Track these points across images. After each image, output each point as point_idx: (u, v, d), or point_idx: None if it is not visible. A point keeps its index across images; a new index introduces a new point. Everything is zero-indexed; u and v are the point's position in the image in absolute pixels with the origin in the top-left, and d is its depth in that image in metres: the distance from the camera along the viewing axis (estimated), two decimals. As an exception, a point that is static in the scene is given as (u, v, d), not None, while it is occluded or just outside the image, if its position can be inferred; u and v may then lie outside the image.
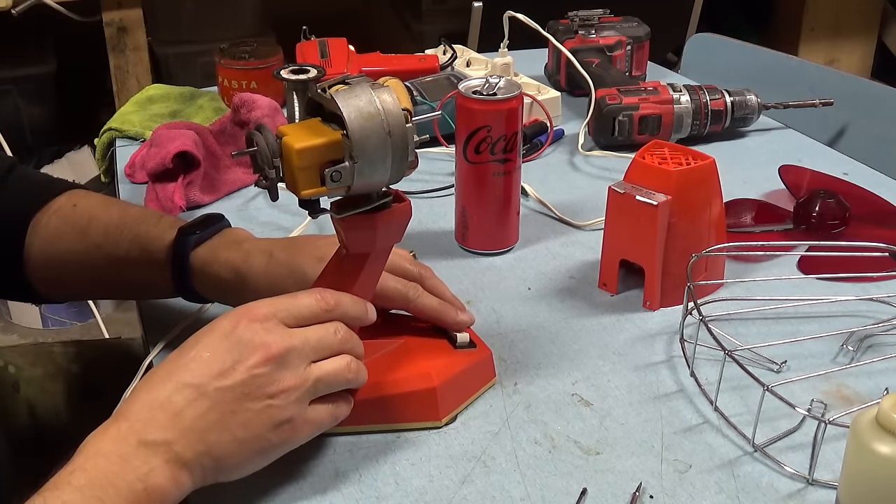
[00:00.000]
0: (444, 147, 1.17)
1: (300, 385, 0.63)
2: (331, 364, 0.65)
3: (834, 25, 2.59)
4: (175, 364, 0.62)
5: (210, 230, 0.80)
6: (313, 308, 0.65)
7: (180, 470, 0.60)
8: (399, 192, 0.69)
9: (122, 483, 0.57)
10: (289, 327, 0.64)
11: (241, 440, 0.62)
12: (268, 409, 0.62)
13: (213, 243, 0.80)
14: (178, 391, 0.61)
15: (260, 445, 0.63)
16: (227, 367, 0.61)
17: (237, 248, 0.79)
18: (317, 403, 0.65)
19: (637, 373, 0.80)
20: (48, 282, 0.87)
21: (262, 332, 0.63)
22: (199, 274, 0.79)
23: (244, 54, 1.33)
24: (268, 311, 0.64)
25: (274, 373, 0.62)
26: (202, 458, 0.61)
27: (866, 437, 0.56)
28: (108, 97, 2.09)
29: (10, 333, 2.33)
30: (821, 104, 1.27)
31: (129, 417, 0.60)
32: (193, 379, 0.61)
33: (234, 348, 0.62)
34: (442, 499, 0.67)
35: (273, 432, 0.63)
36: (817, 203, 1.00)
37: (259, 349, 0.62)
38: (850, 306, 0.88)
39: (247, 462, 0.63)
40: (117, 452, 0.58)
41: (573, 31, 1.36)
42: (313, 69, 0.97)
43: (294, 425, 0.63)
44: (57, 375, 1.03)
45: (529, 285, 0.93)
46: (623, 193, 0.86)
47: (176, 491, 0.60)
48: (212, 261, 0.79)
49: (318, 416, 0.65)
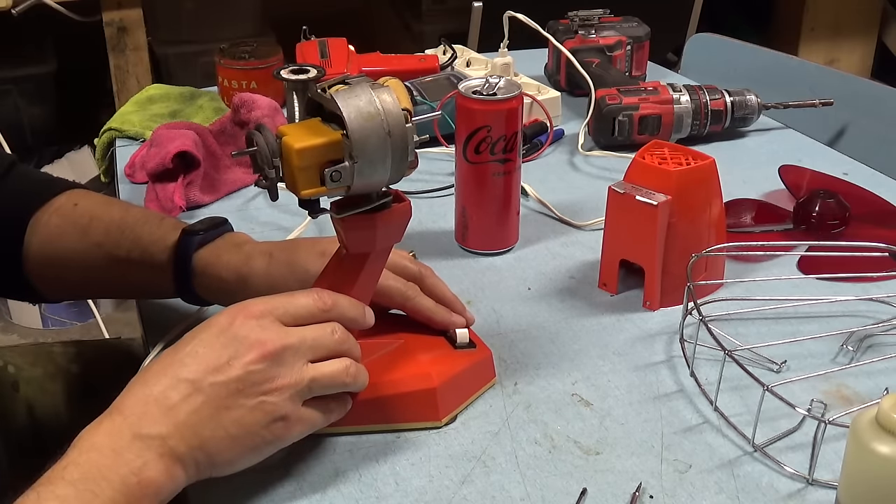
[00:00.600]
0: (444, 147, 1.17)
1: (295, 383, 0.63)
2: (328, 366, 0.65)
3: (834, 25, 2.59)
4: (171, 359, 0.63)
5: (213, 233, 0.81)
6: (310, 307, 0.66)
7: (174, 464, 0.60)
8: (399, 192, 0.69)
9: (115, 477, 0.57)
10: (285, 325, 0.64)
11: (234, 436, 0.62)
12: (261, 405, 0.62)
13: (216, 246, 0.80)
14: (173, 386, 0.61)
15: (253, 441, 0.63)
16: (223, 362, 0.62)
17: (238, 250, 0.79)
18: (311, 402, 0.65)
19: (637, 373, 0.80)
20: (47, 281, 0.87)
21: (258, 329, 0.63)
22: (201, 276, 0.79)
23: (244, 54, 1.33)
24: (264, 309, 0.64)
25: (269, 369, 0.62)
26: (195, 452, 0.61)
27: (866, 437, 0.56)
28: (108, 97, 2.09)
29: (10, 333, 2.33)
30: (821, 104, 1.27)
31: (124, 411, 0.60)
32: (188, 374, 0.61)
33: (229, 344, 0.62)
34: (442, 499, 0.67)
35: (266, 429, 0.63)
36: (817, 203, 1.00)
37: (255, 346, 0.62)
38: (850, 306, 0.88)
39: (239, 458, 0.63)
40: (111, 446, 0.59)
41: (573, 31, 1.36)
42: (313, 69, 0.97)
43: (287, 423, 0.63)
44: (56, 375, 1.03)
45: (529, 285, 0.93)
46: (623, 193, 0.86)
47: (170, 485, 0.60)
48: (214, 263, 0.79)
49: (311, 415, 0.65)
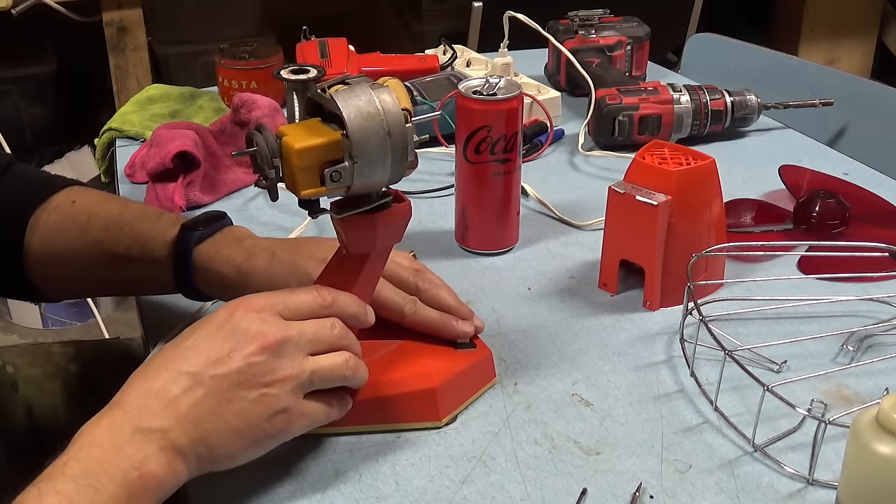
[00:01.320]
0: (444, 147, 1.17)
1: (296, 376, 0.63)
2: (328, 359, 0.65)
3: (834, 25, 2.59)
4: (171, 353, 0.63)
5: (212, 227, 0.81)
6: (311, 303, 0.66)
7: (175, 457, 0.60)
8: (399, 192, 0.69)
9: (116, 471, 0.57)
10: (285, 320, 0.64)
11: (235, 429, 0.62)
12: (263, 397, 0.62)
13: (216, 240, 0.80)
14: (174, 379, 0.61)
15: (254, 434, 0.63)
16: (223, 354, 0.62)
17: (239, 245, 0.79)
18: (312, 396, 0.65)
19: (637, 373, 0.80)
20: (48, 279, 0.87)
21: (259, 322, 0.63)
22: (201, 270, 0.79)
23: (244, 54, 1.33)
24: (265, 303, 0.64)
25: (270, 361, 0.62)
26: (197, 445, 0.61)
27: (866, 437, 0.56)
28: (108, 97, 2.09)
29: (10, 333, 2.33)
30: (821, 104, 1.27)
31: (124, 406, 0.60)
32: (189, 367, 0.61)
33: (230, 337, 0.62)
34: (442, 499, 0.67)
35: (268, 422, 0.63)
36: (817, 203, 1.00)
37: (255, 338, 0.62)
38: (850, 306, 0.88)
39: (241, 451, 0.63)
40: (111, 441, 0.58)
41: (573, 31, 1.36)
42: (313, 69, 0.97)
43: (289, 416, 0.63)
44: (55, 375, 1.03)
45: (529, 285, 0.93)
46: (623, 193, 0.86)
47: (171, 478, 0.60)
48: (214, 257, 0.79)
49: (312, 409, 0.65)
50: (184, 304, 0.84)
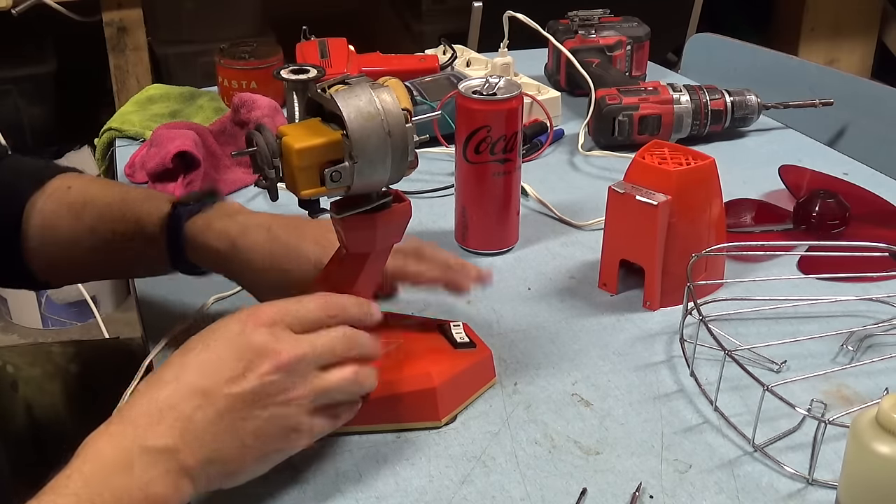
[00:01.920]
0: (444, 147, 1.17)
1: (308, 394, 0.62)
2: (336, 375, 0.64)
3: (834, 25, 2.59)
4: (180, 367, 0.61)
5: (204, 202, 0.81)
6: (319, 314, 0.65)
7: (182, 478, 0.59)
8: (399, 192, 0.69)
9: (120, 490, 0.56)
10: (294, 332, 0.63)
11: (248, 447, 0.61)
12: (276, 416, 0.61)
13: (207, 215, 0.80)
14: (186, 396, 0.60)
15: (264, 452, 0.62)
16: (238, 373, 0.60)
17: (231, 219, 0.79)
18: (321, 410, 0.64)
19: (637, 373, 0.80)
20: (47, 266, 0.87)
21: (272, 339, 0.62)
22: (193, 243, 0.79)
23: (244, 54, 1.33)
24: (274, 316, 0.63)
25: (284, 380, 0.61)
26: (206, 466, 0.60)
27: (866, 437, 0.56)
28: (108, 97, 2.09)
29: (10, 333, 2.33)
30: (821, 104, 1.27)
31: (132, 420, 0.59)
32: (202, 384, 0.60)
33: (243, 354, 0.61)
34: (442, 499, 0.66)
35: (279, 439, 0.62)
36: (817, 203, 1.00)
37: (270, 356, 0.61)
38: (850, 306, 0.88)
39: (249, 469, 0.62)
40: (117, 458, 0.57)
41: (573, 31, 1.36)
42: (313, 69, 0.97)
43: (299, 433, 0.63)
44: (55, 375, 1.03)
45: (529, 285, 0.93)
46: (623, 193, 0.86)
47: (176, 498, 0.59)
48: (205, 230, 0.79)
49: (321, 423, 0.65)
50: (184, 304, 0.84)
